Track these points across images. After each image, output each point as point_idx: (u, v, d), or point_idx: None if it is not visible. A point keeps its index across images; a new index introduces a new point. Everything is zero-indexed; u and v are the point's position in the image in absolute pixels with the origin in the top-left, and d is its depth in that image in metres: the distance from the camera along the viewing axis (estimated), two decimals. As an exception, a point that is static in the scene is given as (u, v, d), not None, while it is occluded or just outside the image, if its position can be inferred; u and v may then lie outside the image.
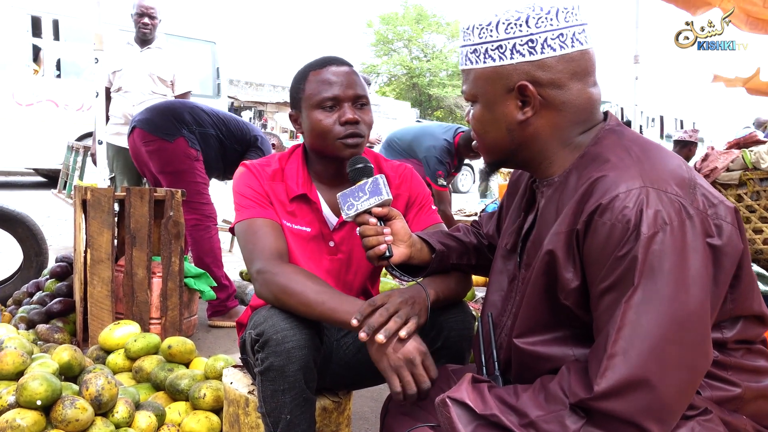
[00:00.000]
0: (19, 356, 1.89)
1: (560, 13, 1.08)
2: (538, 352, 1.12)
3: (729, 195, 3.79)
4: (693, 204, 0.98)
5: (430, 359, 1.29)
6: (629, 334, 0.93)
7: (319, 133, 1.59)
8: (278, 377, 1.40)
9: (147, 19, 4.21)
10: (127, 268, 2.76)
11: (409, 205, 1.74)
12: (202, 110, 3.42)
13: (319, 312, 1.38)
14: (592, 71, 1.12)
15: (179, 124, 3.26)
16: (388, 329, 1.27)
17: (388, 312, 1.29)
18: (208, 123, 3.38)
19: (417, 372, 1.26)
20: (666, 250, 0.94)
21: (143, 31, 4.23)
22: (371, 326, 1.27)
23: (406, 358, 1.26)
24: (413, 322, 1.30)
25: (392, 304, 1.31)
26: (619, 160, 1.04)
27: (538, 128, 1.13)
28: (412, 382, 1.26)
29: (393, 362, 1.27)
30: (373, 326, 1.27)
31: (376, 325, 1.27)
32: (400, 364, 1.26)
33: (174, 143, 3.21)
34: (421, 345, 1.29)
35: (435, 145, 4.87)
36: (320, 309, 1.38)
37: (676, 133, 6.70)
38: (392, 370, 1.27)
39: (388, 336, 1.26)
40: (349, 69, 1.62)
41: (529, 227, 1.21)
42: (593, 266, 1.00)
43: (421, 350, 1.28)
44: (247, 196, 1.62)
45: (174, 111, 3.33)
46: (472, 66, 1.15)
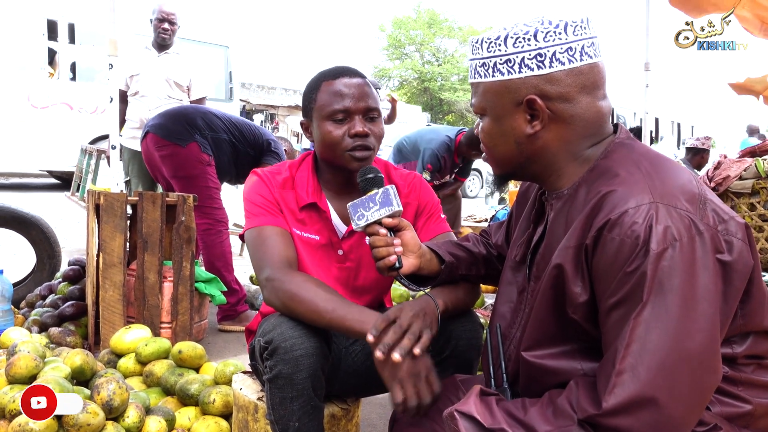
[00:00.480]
0: (32, 360, 1.90)
1: (569, 27, 1.08)
2: (546, 365, 1.12)
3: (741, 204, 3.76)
4: (703, 220, 0.98)
5: (433, 374, 1.29)
6: (638, 350, 0.93)
7: (329, 144, 1.60)
8: (287, 385, 1.41)
9: (167, 24, 4.26)
10: (139, 272, 2.78)
11: (418, 213, 1.74)
12: (214, 115, 3.44)
13: (328, 320, 1.39)
14: (601, 84, 1.12)
15: (192, 129, 3.28)
16: (403, 348, 1.26)
17: (402, 329, 1.29)
18: (221, 128, 3.40)
19: (420, 386, 1.27)
20: (675, 266, 0.93)
21: (162, 36, 4.27)
22: (387, 345, 1.27)
23: (411, 372, 1.26)
24: (426, 338, 1.30)
25: (405, 319, 1.31)
26: (628, 175, 1.03)
27: (546, 142, 1.13)
28: (414, 396, 1.26)
29: (397, 374, 1.27)
30: (389, 344, 1.27)
31: (391, 343, 1.27)
32: (404, 377, 1.26)
33: (187, 148, 3.23)
34: (428, 360, 1.29)
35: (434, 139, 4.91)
36: (329, 317, 1.38)
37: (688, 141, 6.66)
38: (396, 381, 1.27)
39: (404, 354, 1.26)
40: (362, 81, 1.63)
41: (539, 239, 1.21)
42: (602, 281, 1.00)
43: (427, 365, 1.28)
44: (257, 203, 1.63)
45: (187, 116, 3.35)
46: (481, 79, 1.15)
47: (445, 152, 4.86)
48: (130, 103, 4.37)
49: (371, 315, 1.35)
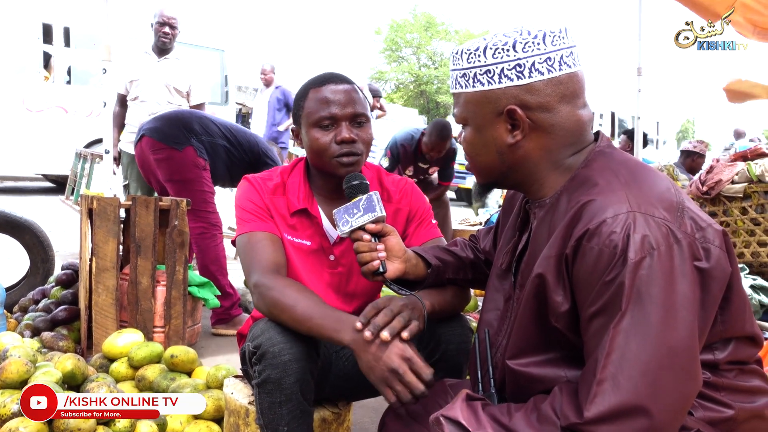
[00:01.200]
0: (23, 365, 1.91)
1: (547, 37, 1.09)
2: (531, 373, 1.13)
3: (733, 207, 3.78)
4: (681, 228, 0.99)
5: (418, 363, 1.27)
6: (618, 359, 0.94)
7: (316, 151, 1.61)
8: (275, 389, 1.42)
9: (168, 28, 4.26)
10: (132, 276, 2.78)
11: (410, 219, 1.76)
12: (210, 120, 3.46)
13: (307, 327, 1.40)
14: (581, 93, 1.13)
15: (188, 133, 3.29)
16: (393, 327, 1.28)
17: (392, 312, 1.31)
18: (217, 133, 3.41)
19: (406, 380, 1.25)
20: (653, 275, 0.94)
21: (163, 41, 4.27)
22: (376, 325, 1.28)
23: (390, 369, 1.26)
24: (415, 325, 1.32)
25: (395, 306, 1.33)
26: (607, 184, 1.05)
27: (528, 151, 1.14)
28: (404, 391, 1.25)
29: (380, 375, 1.27)
30: (378, 325, 1.28)
31: (381, 324, 1.28)
32: (386, 376, 1.26)
33: (182, 152, 3.24)
34: (406, 351, 1.28)
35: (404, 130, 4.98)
36: (308, 325, 1.39)
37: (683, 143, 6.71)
38: (383, 383, 1.27)
39: (393, 334, 1.27)
40: (349, 87, 1.64)
41: (523, 248, 1.22)
42: (582, 290, 1.01)
43: (405, 356, 1.27)
44: (247, 209, 1.64)
45: (183, 120, 3.36)
46: (462, 90, 1.16)
47: (406, 142, 4.92)
48: (130, 108, 4.38)
49: (348, 322, 1.36)
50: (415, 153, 5.00)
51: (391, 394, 1.27)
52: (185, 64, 4.40)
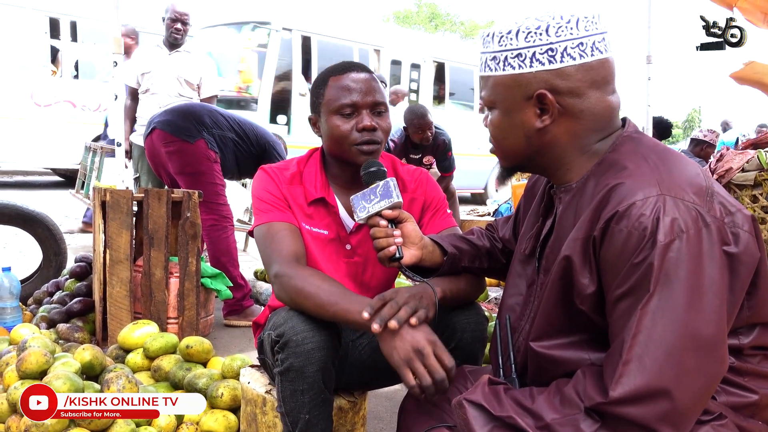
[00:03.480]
0: (43, 356, 1.92)
1: (580, 22, 1.09)
2: (554, 356, 1.13)
3: (744, 196, 3.76)
4: (710, 212, 0.99)
5: (441, 348, 1.27)
6: (644, 340, 0.94)
7: (337, 138, 1.61)
8: (298, 378, 1.43)
9: (180, 24, 4.26)
10: (145, 268, 2.79)
11: (425, 208, 1.76)
12: (219, 113, 3.48)
13: (332, 312, 1.40)
14: (611, 79, 1.12)
15: (199, 126, 3.31)
16: (399, 317, 1.28)
17: (398, 304, 1.31)
18: (226, 126, 3.43)
19: (428, 363, 1.25)
20: (682, 257, 0.94)
21: (175, 36, 4.28)
22: (383, 317, 1.28)
23: (415, 349, 1.25)
24: (423, 312, 1.32)
25: (401, 297, 1.33)
26: (636, 168, 1.04)
27: (556, 135, 1.14)
28: (426, 374, 1.24)
29: (403, 355, 1.26)
30: (385, 317, 1.28)
31: (387, 316, 1.28)
32: (410, 356, 1.25)
33: (194, 145, 3.26)
34: (431, 335, 1.28)
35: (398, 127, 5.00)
36: (333, 309, 1.39)
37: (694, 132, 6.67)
38: (404, 364, 1.26)
39: (401, 323, 1.27)
40: (369, 76, 1.64)
41: (548, 232, 1.22)
42: (609, 273, 1.01)
43: (430, 339, 1.27)
44: (265, 200, 1.65)
45: (194, 113, 3.38)
46: (492, 73, 1.16)
47: (395, 136, 4.97)
48: (141, 101, 4.40)
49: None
50: (405, 145, 5.02)
51: (411, 377, 1.25)
52: (196, 57, 4.41)
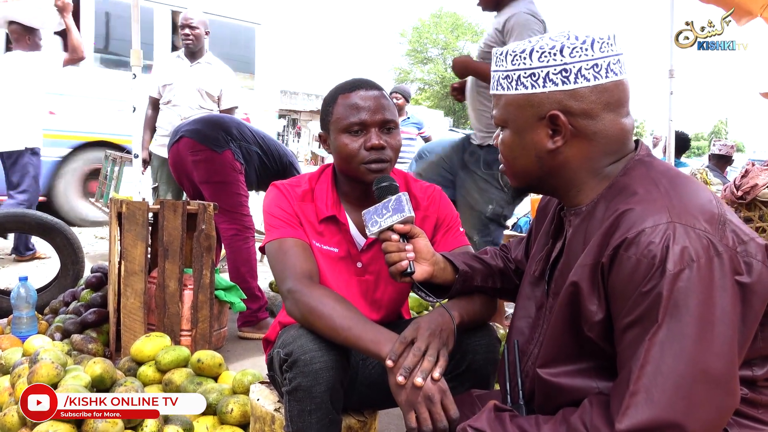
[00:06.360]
0: (54, 369, 1.94)
1: (595, 44, 1.08)
2: (561, 383, 1.12)
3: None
4: (722, 241, 0.97)
5: (449, 398, 1.27)
6: (652, 372, 0.93)
7: (345, 157, 1.62)
8: (305, 398, 1.42)
9: (188, 30, 4.31)
10: (160, 280, 2.82)
11: (437, 226, 1.75)
12: (246, 127, 3.58)
13: (344, 337, 1.39)
14: (625, 102, 1.12)
15: (227, 136, 3.38)
16: (425, 370, 1.27)
17: (421, 351, 1.30)
18: (252, 140, 3.52)
19: (434, 410, 1.25)
20: (692, 287, 0.93)
21: (186, 44, 4.35)
22: (407, 369, 1.28)
23: (425, 395, 1.25)
24: (444, 359, 1.31)
25: (422, 339, 1.32)
26: (646, 193, 1.03)
27: (568, 157, 1.13)
28: (428, 421, 1.24)
29: (411, 397, 1.26)
30: (410, 368, 1.28)
31: (411, 366, 1.28)
32: (417, 400, 1.25)
33: (222, 155, 3.33)
34: (443, 383, 1.28)
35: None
36: (345, 334, 1.39)
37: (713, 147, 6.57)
38: (409, 406, 1.26)
39: (426, 377, 1.26)
40: (378, 93, 1.64)
41: (557, 255, 1.21)
42: (617, 300, 1.00)
43: (441, 388, 1.27)
44: (277, 216, 1.65)
45: (223, 124, 3.46)
46: (504, 92, 1.15)
47: None
48: (162, 112, 4.46)
49: (387, 335, 1.36)
50: None
51: (413, 420, 1.25)
52: (217, 69, 4.47)
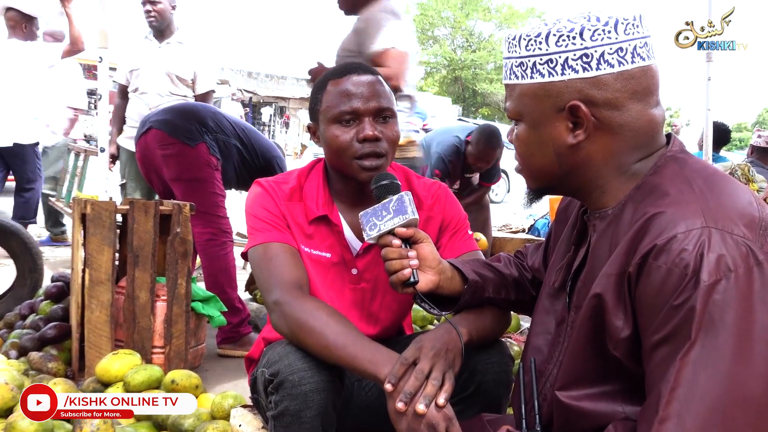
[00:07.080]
0: (9, 391, 1.95)
1: (619, 25, 1.08)
2: (583, 408, 1.12)
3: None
4: (763, 248, 0.97)
5: (456, 427, 1.28)
6: (684, 395, 0.93)
7: (336, 150, 1.62)
8: (293, 423, 1.42)
9: (149, 5, 4.23)
10: (129, 290, 2.81)
11: (443, 228, 1.75)
12: (225, 117, 3.49)
13: (338, 356, 1.40)
14: (654, 90, 1.11)
15: (202, 128, 3.29)
16: (428, 396, 1.28)
17: (423, 374, 1.30)
18: (231, 132, 3.43)
19: None
20: (729, 300, 0.93)
21: (149, 20, 4.28)
22: (408, 394, 1.28)
23: (428, 423, 1.26)
24: (450, 382, 1.31)
25: (426, 361, 1.32)
26: (679, 194, 1.03)
27: (590, 153, 1.13)
28: None
29: (412, 426, 1.27)
30: (411, 393, 1.28)
31: (413, 392, 1.28)
32: (419, 429, 1.26)
33: (195, 149, 3.24)
34: (449, 410, 1.29)
35: (443, 141, 4.95)
36: (339, 354, 1.39)
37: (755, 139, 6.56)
38: None
39: (429, 403, 1.27)
40: (373, 78, 1.64)
41: (580, 264, 1.21)
42: (646, 315, 1.00)
43: (447, 416, 1.28)
44: (260, 217, 1.65)
45: (197, 115, 3.37)
46: (518, 81, 1.15)
47: (452, 155, 4.91)
48: (131, 101, 4.41)
49: (386, 355, 1.36)
50: (462, 166, 4.99)
51: None
52: (188, 49, 4.38)
